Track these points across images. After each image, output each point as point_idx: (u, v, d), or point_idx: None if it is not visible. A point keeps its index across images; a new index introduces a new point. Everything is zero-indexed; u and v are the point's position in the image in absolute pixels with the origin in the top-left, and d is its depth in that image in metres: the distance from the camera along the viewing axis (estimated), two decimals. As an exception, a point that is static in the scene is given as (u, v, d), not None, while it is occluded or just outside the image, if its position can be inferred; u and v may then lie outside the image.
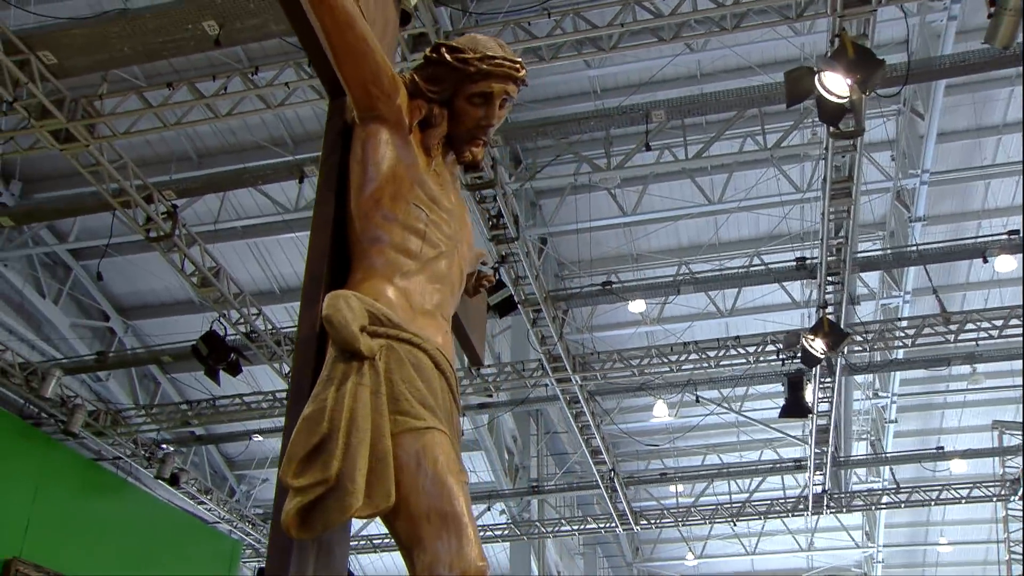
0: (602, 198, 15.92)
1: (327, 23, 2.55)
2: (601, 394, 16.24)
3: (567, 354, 11.92)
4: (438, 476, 2.28)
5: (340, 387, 2.28)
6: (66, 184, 12.22)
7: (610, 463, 14.46)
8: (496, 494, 17.05)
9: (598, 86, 14.70)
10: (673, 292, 12.64)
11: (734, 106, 10.85)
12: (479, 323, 4.10)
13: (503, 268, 10.40)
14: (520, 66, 2.83)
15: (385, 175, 2.64)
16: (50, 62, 8.63)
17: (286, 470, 2.20)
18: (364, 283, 2.54)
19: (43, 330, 13.88)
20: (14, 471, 11.89)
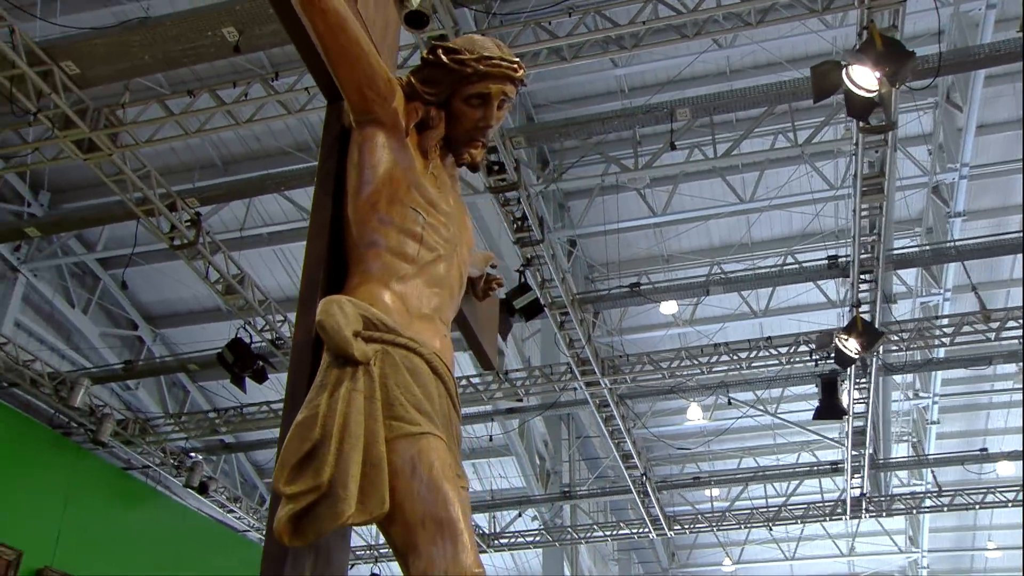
0: (631, 199, 15.86)
1: (319, 26, 2.57)
2: (633, 397, 16.18)
3: (596, 357, 11.88)
4: (433, 482, 2.27)
5: (333, 393, 2.29)
6: (93, 194, 12.39)
7: (642, 467, 14.39)
8: (527, 500, 17.03)
9: (625, 85, 14.67)
10: (702, 293, 12.52)
11: (760, 102, 10.75)
12: (490, 327, 4.10)
13: (528, 271, 10.39)
14: (518, 66, 2.83)
15: (381, 179, 2.65)
16: (73, 72, 8.76)
17: (278, 477, 2.20)
18: (360, 288, 2.54)
19: (73, 340, 14.09)
20: (45, 481, 12.08)
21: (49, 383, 11.41)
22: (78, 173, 12.13)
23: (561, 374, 12.65)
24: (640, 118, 10.33)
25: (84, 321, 13.98)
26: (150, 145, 9.39)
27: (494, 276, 3.76)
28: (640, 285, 12.48)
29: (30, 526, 11.55)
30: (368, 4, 3.21)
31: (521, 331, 16.21)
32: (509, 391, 13.18)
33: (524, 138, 10.07)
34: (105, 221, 11.34)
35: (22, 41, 8.50)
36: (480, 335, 3.93)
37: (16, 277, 13.04)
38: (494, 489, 18.18)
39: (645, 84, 14.56)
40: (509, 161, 9.46)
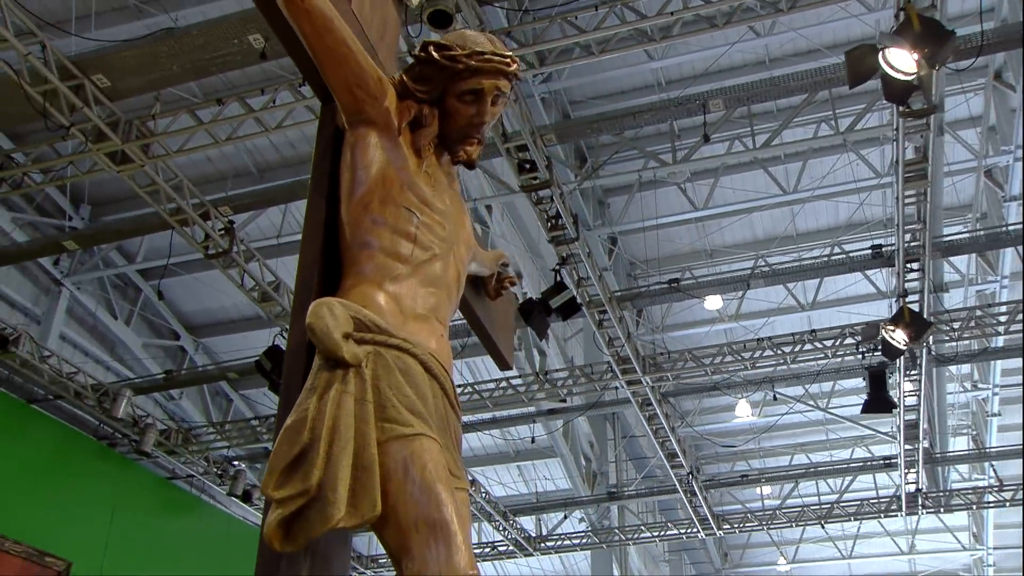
0: (672, 193, 15.78)
1: (305, 28, 2.58)
2: (677, 395, 16.08)
3: (636, 355, 11.80)
4: (426, 484, 2.27)
5: (323, 396, 2.29)
6: (131, 206, 12.61)
7: (687, 466, 14.26)
8: (573, 501, 16.98)
9: (662, 78, 14.58)
10: (742, 287, 12.39)
11: (796, 91, 10.60)
12: (505, 326, 4.08)
13: (564, 270, 10.36)
14: (510, 60, 2.81)
15: (374, 179, 2.65)
16: (104, 85, 8.92)
17: (267, 481, 2.21)
18: (354, 289, 2.55)
19: (117, 351, 14.36)
20: (92, 491, 12.31)
21: (92, 395, 11.63)
22: (117, 185, 12.35)
23: (602, 373, 12.58)
24: (672, 111, 10.23)
25: (127, 332, 14.24)
26: (182, 155, 9.53)
27: (506, 275, 3.75)
28: (680, 281, 12.36)
29: (79, 536, 11.78)
30: (364, 4, 3.21)
31: (563, 331, 16.18)
32: (551, 392, 13.13)
33: (555, 135, 10.02)
34: (141, 232, 11.53)
35: (53, 56, 8.67)
36: (494, 335, 3.92)
37: (60, 291, 13.32)
38: (539, 491, 18.18)
39: (682, 76, 14.46)
40: (540, 159, 9.43)
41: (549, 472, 18.33)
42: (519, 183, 9.65)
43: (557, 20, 8.73)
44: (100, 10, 10.88)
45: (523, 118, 9.24)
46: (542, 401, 13.75)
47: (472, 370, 15.94)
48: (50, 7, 10.62)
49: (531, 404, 13.48)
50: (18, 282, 13.23)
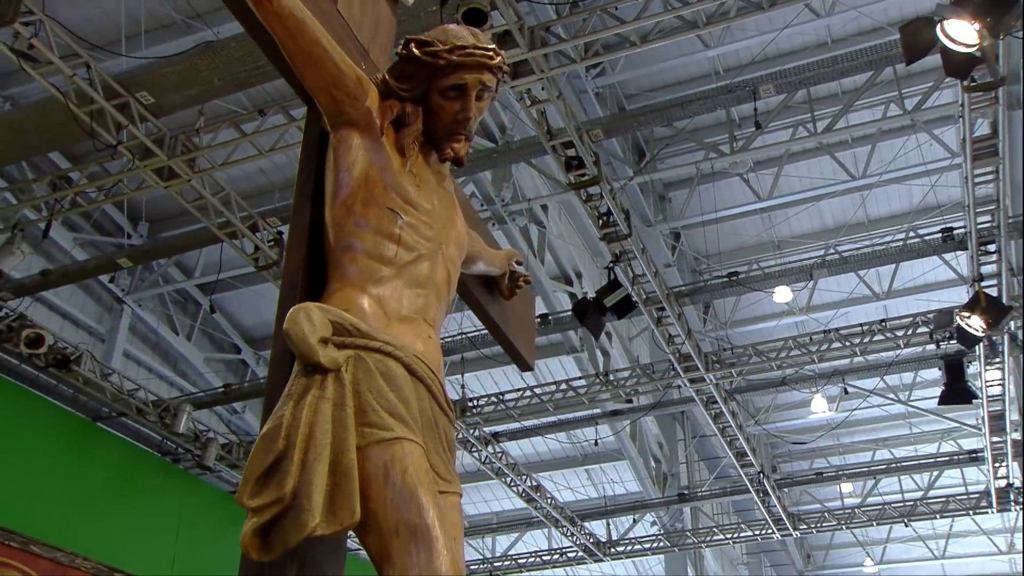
0: (735, 184, 15.56)
1: (277, 30, 2.59)
2: (746, 391, 15.84)
3: (698, 352, 11.63)
4: (406, 488, 2.25)
5: (299, 402, 2.29)
6: (187, 221, 12.87)
7: (758, 465, 14.01)
8: (642, 504, 16.82)
9: (719, 66, 14.38)
10: (806, 277, 12.13)
11: (851, 71, 10.32)
12: (523, 326, 4.05)
13: (618, 267, 10.28)
14: (494, 53, 2.78)
15: (356, 180, 2.65)
16: (148, 102, 9.14)
17: (242, 490, 2.22)
18: (337, 293, 2.55)
19: (179, 367, 14.70)
20: (157, 507, 12.60)
21: (154, 411, 11.92)
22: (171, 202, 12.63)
23: (664, 372, 12.44)
24: (722, 99, 10.06)
25: (189, 348, 14.57)
26: (228, 167, 9.71)
27: (521, 273, 3.72)
28: (739, 274, 12.16)
29: (146, 552, 12.07)
30: (353, 5, 3.22)
31: (628, 329, 16.07)
32: (614, 393, 13.04)
33: (602, 130, 9.94)
34: (193, 247, 11.78)
35: (98, 76, 8.92)
36: (512, 336, 3.89)
37: (122, 308, 13.70)
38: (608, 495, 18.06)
39: (740, 63, 14.21)
40: (587, 155, 9.37)
41: (618, 475, 18.21)
42: (567, 181, 9.60)
43: (598, 11, 8.66)
44: (149, 28, 11.16)
45: (567, 114, 9.19)
46: (606, 402, 13.66)
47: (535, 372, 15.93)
48: (101, 28, 10.93)
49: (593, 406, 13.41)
50: (82, 301, 13.65)
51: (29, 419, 11.29)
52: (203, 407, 13.67)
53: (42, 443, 11.30)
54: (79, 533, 11.11)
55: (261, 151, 9.40)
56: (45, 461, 11.23)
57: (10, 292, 10.90)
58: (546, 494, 15.17)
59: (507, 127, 12.89)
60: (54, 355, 10.51)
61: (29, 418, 11.31)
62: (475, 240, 3.35)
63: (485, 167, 11.56)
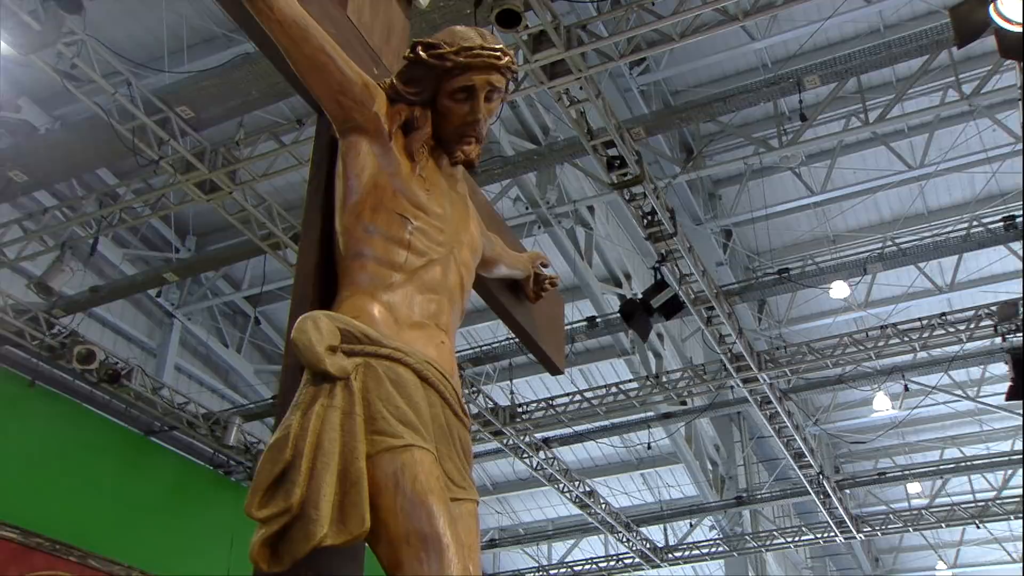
0: (786, 179, 15.39)
1: (280, 39, 2.61)
2: (804, 390, 15.61)
3: (750, 352, 11.49)
4: (416, 496, 2.25)
5: (307, 411, 2.30)
6: (233, 234, 13.07)
7: (817, 466, 13.79)
8: (699, 508, 16.65)
9: (767, 58, 14.22)
10: (860, 272, 11.91)
11: (900, 57, 10.13)
12: (551, 329, 4.04)
13: (665, 267, 10.20)
14: (502, 53, 2.77)
15: (365, 187, 2.66)
16: (188, 116, 9.30)
17: (250, 501, 2.23)
18: (347, 301, 2.56)
19: (230, 379, 14.92)
20: (211, 520, 12.78)
21: (204, 424, 12.12)
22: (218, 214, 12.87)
23: (716, 372, 12.31)
24: (765, 92, 9.93)
25: (239, 360, 14.78)
26: (268, 179, 9.82)
27: (547, 275, 3.71)
28: (789, 271, 11.99)
29: (200, 564, 12.23)
30: (363, 10, 3.25)
31: (680, 330, 15.95)
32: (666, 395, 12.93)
33: (643, 128, 9.88)
34: (237, 259, 11.93)
35: (139, 92, 9.10)
36: (539, 339, 3.88)
37: (172, 323, 13.94)
38: (665, 499, 17.92)
39: (789, 55, 14.04)
40: (629, 154, 9.32)
41: (674, 479, 18.06)
42: (609, 181, 9.56)
43: (635, 8, 8.61)
44: (191, 43, 11.36)
45: (607, 113, 9.16)
46: (659, 405, 13.56)
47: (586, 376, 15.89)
48: (144, 45, 11.15)
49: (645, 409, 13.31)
50: (133, 317, 13.92)
51: (83, 434, 11.55)
52: (253, 419, 13.85)
53: (97, 458, 11.55)
54: (134, 546, 11.31)
55: (301, 161, 9.50)
56: (100, 476, 11.46)
57: (62, 309, 11.16)
58: (600, 499, 15.10)
59: (550, 128, 12.88)
60: (105, 371, 10.73)
61: (83, 434, 11.56)
62: (495, 243, 3.35)
63: (528, 169, 11.56)
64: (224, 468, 13.22)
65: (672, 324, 15.27)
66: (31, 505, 10.37)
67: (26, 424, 10.82)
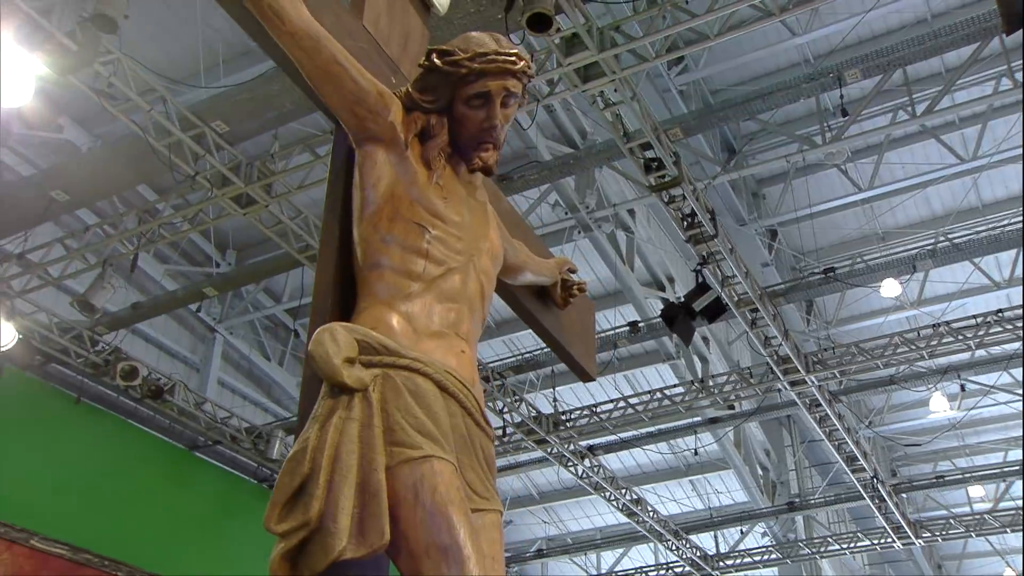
0: (832, 176, 15.23)
1: (294, 52, 2.64)
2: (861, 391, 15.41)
3: (797, 353, 11.35)
4: (436, 507, 2.26)
5: (325, 424, 2.32)
6: (273, 247, 13.22)
7: (870, 469, 13.58)
8: (749, 515, 16.46)
9: (809, 54, 14.09)
10: (909, 270, 11.73)
11: (945, 47, 9.97)
12: (582, 335, 4.03)
13: (706, 269, 10.13)
14: (517, 58, 2.78)
15: (382, 196, 2.68)
16: (223, 130, 9.42)
17: (269, 515, 2.26)
18: (365, 312, 2.58)
19: (273, 393, 15.07)
20: (255, 534, 12.74)
21: (247, 437, 12.26)
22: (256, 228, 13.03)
23: (763, 376, 12.18)
24: (804, 88, 9.82)
25: (282, 373, 14.93)
26: (304, 190, 9.91)
27: (574, 281, 3.71)
28: (835, 269, 11.84)
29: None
30: (380, 19, 3.27)
31: (727, 333, 15.82)
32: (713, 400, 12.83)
33: (680, 129, 9.82)
34: (276, 272, 12.05)
35: (174, 108, 9.24)
36: (568, 346, 3.87)
37: (214, 337, 14.12)
38: (714, 506, 17.77)
39: (832, 49, 13.88)
40: (666, 156, 9.27)
41: (724, 485, 17.89)
42: (647, 183, 9.52)
43: (668, 7, 8.56)
44: (227, 57, 11.51)
45: (643, 115, 9.12)
46: (706, 410, 13.45)
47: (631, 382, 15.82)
48: (180, 61, 11.32)
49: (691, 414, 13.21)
50: (176, 332, 14.13)
51: (129, 450, 11.74)
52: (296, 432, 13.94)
53: (142, 473, 11.74)
54: (180, 561, 11.46)
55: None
56: (145, 491, 11.64)
57: (105, 327, 11.36)
58: (647, 507, 15.01)
59: (588, 132, 12.86)
60: (148, 386, 10.91)
61: (129, 449, 11.76)
62: (519, 250, 3.35)
63: (566, 174, 11.54)
64: (268, 482, 13.34)
65: (718, 327, 15.16)
66: (79, 522, 10.56)
67: (72, 441, 11.03)
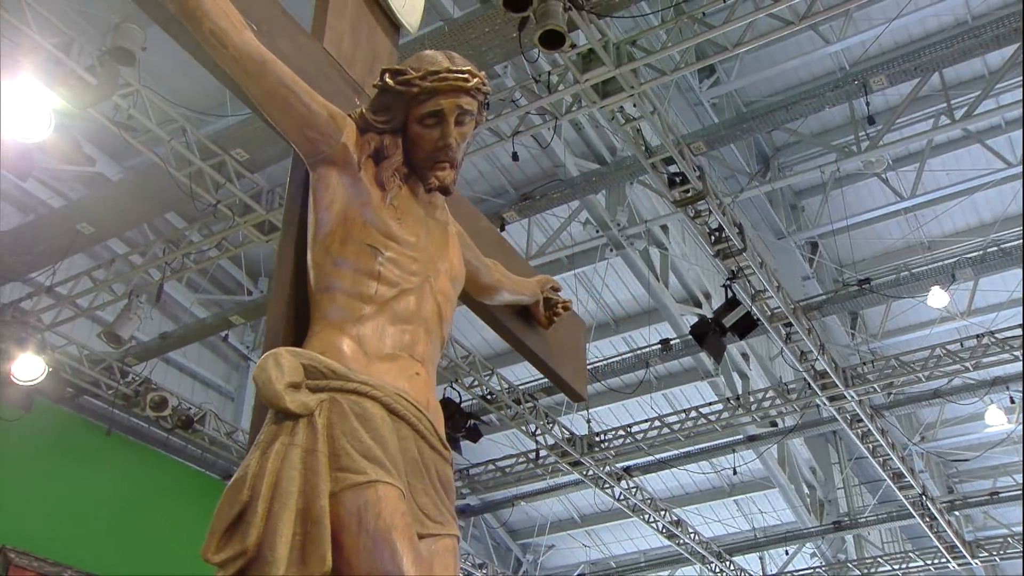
0: (873, 185, 15.03)
1: (239, 76, 2.66)
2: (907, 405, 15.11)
3: (835, 368, 11.16)
4: (379, 533, 2.25)
5: (266, 450, 2.32)
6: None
7: (919, 487, 13.28)
8: (795, 535, 16.16)
9: (844, 61, 13.95)
10: (947, 279, 11.50)
11: (974, 51, 9.80)
12: (570, 354, 3.99)
13: (736, 284, 10.03)
14: (470, 75, 2.77)
15: (335, 219, 2.69)
16: (243, 158, 9.55)
17: (208, 546, 2.26)
18: (316, 336, 2.59)
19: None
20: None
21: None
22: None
23: (801, 391, 12.00)
24: (830, 96, 9.70)
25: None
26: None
27: (558, 299, 3.69)
28: (871, 280, 11.64)
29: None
30: (342, 41, 3.28)
31: (768, 348, 15.63)
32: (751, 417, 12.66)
33: (703, 142, 9.76)
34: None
35: (194, 138, 9.39)
36: (557, 365, 3.84)
37: (248, 366, 14.25)
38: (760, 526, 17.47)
39: (867, 56, 13.73)
40: (689, 170, 9.21)
41: (770, 504, 17.60)
42: (671, 198, 9.46)
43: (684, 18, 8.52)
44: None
45: (664, 129, 9.08)
46: (747, 427, 13.28)
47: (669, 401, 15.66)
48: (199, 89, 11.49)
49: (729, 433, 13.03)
50: (210, 361, 14.29)
51: (161, 480, 11.88)
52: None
53: (174, 504, 11.84)
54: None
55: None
56: (179, 521, 11.72)
57: (135, 357, 11.52)
58: (688, 529, 14.82)
59: (618, 148, 12.83)
60: (178, 416, 11.04)
61: (161, 479, 11.89)
62: (493, 270, 3.34)
63: (592, 191, 11.51)
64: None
65: (759, 343, 15.00)
66: (112, 553, 10.69)
67: (104, 472, 11.18)
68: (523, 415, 11.85)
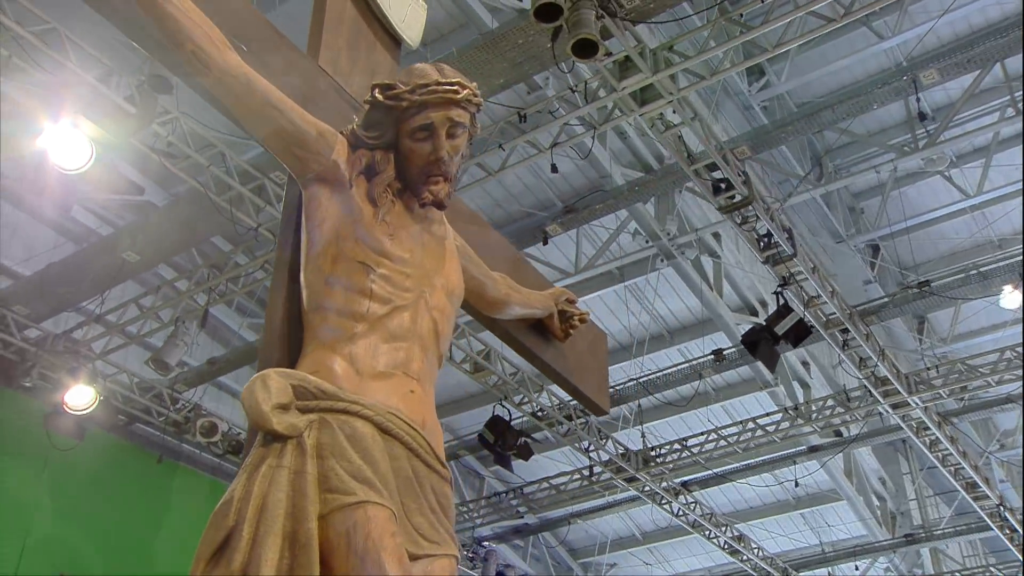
0: (936, 184, 14.70)
1: (225, 98, 2.69)
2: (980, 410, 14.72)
3: (896, 374, 10.92)
4: (368, 555, 2.25)
5: (253, 473, 2.34)
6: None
7: (995, 497, 12.91)
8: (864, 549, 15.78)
9: (901, 56, 13.68)
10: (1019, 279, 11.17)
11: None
12: (590, 367, 3.97)
13: (788, 291, 9.88)
14: (459, 87, 2.78)
15: (326, 237, 2.71)
16: (283, 181, 9.66)
17: (194, 571, 2.28)
18: (308, 356, 2.61)
19: (361, 442, 15.14)
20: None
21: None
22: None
23: (861, 399, 11.75)
24: (876, 94, 9.52)
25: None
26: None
27: (573, 312, 3.66)
28: (931, 282, 11.37)
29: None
30: (339, 59, 3.31)
31: (831, 357, 15.36)
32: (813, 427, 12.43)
33: (747, 147, 9.65)
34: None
35: (233, 162, 9.54)
36: (576, 379, 3.82)
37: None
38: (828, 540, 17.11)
39: (926, 50, 13.46)
40: (734, 176, 9.11)
41: (838, 517, 17.24)
42: (716, 205, 9.37)
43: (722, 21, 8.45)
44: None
45: (706, 135, 9.00)
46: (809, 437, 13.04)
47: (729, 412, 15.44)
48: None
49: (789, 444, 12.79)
50: (260, 384, 14.37)
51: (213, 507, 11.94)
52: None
53: (227, 530, 11.93)
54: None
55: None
56: (233, 547, 11.85)
57: (184, 383, 11.70)
58: (751, 544, 14.57)
59: (665, 156, 12.72)
60: (228, 442, 11.18)
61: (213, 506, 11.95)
62: (500, 283, 3.34)
63: (637, 200, 11.43)
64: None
65: (820, 351, 14.74)
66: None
67: (157, 499, 11.35)
68: (575, 431, 11.78)
